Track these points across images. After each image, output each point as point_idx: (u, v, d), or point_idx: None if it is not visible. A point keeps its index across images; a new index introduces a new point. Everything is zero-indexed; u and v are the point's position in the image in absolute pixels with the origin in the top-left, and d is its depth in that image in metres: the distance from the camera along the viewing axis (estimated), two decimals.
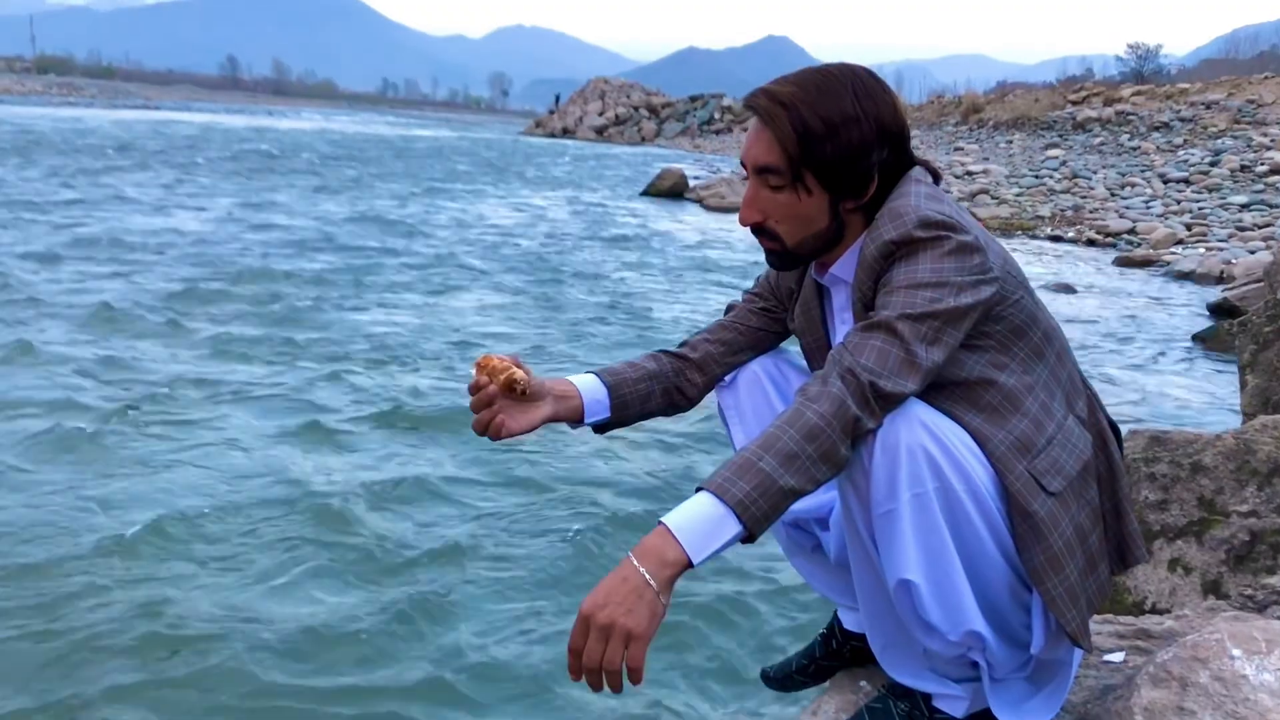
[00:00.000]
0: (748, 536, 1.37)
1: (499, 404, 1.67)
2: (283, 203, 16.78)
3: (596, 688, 1.34)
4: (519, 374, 1.66)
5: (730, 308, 1.93)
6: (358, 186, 21.10)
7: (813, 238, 1.64)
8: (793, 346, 1.91)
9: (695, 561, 1.35)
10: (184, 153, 27.33)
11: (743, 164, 1.66)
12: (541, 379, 1.73)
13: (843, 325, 1.73)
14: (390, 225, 14.63)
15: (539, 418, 1.72)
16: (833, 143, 1.57)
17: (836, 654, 2.01)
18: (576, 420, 1.78)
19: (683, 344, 1.90)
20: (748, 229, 1.68)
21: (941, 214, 1.51)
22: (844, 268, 1.68)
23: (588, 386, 1.78)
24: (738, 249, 14.19)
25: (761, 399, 1.85)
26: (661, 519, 1.37)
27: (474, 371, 1.68)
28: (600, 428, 1.83)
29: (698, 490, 1.39)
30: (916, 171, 1.63)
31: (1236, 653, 1.45)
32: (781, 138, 1.57)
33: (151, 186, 17.92)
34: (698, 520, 1.35)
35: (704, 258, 13.23)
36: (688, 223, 17.70)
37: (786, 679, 2.06)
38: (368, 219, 15.24)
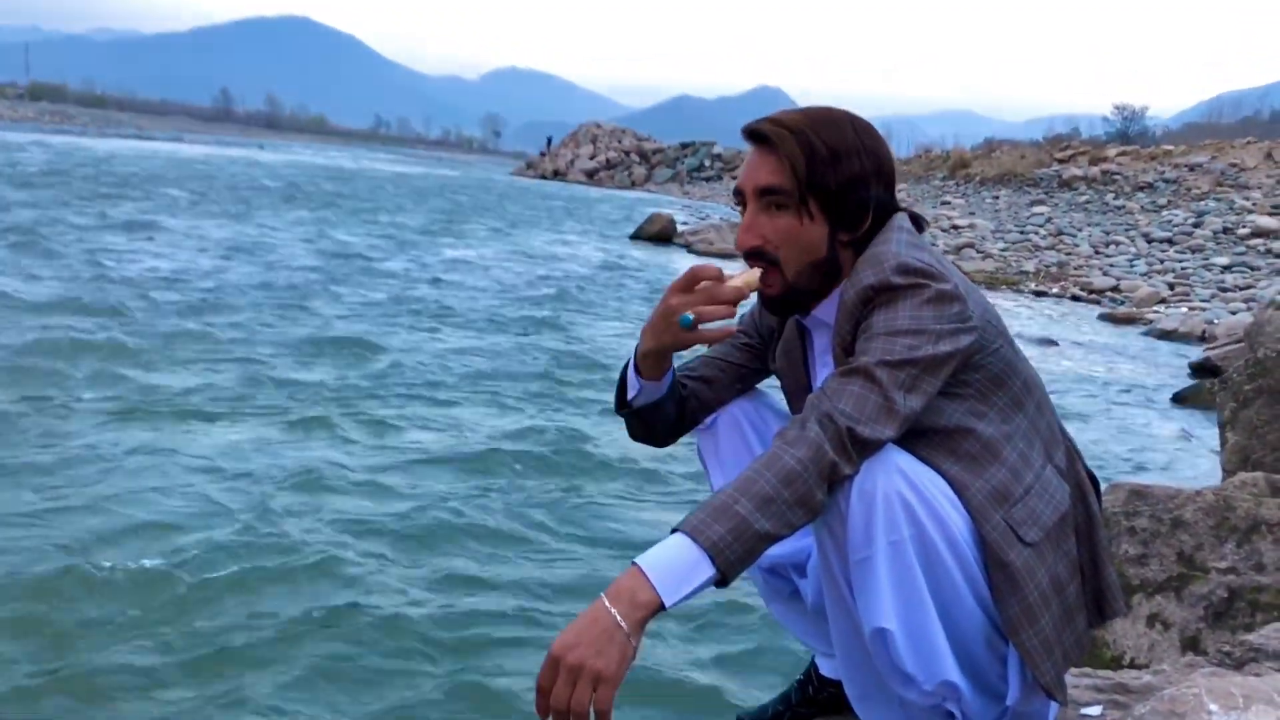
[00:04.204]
0: (721, 580, 1.36)
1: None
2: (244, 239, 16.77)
3: None
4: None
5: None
6: (352, 220, 21.11)
7: (811, 266, 1.63)
8: (773, 390, 1.90)
9: (668, 604, 1.34)
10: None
11: (738, 193, 1.66)
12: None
13: (824, 368, 1.73)
14: (369, 261, 14.47)
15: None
16: (836, 170, 1.59)
17: (813, 700, 1.99)
18: (665, 370, 1.76)
19: None
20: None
21: (921, 261, 1.52)
22: (826, 310, 1.68)
23: None
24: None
25: (740, 442, 1.85)
26: (635, 560, 1.36)
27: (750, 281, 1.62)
28: (633, 410, 1.80)
29: (673, 532, 1.37)
30: (900, 218, 1.64)
31: (1214, 708, 1.43)
32: (791, 158, 1.59)
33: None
34: (672, 562, 1.34)
35: None
36: (675, 267, 17.76)
37: None
38: (350, 254, 15.16)
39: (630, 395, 1.79)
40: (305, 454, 5.41)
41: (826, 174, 1.59)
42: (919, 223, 1.68)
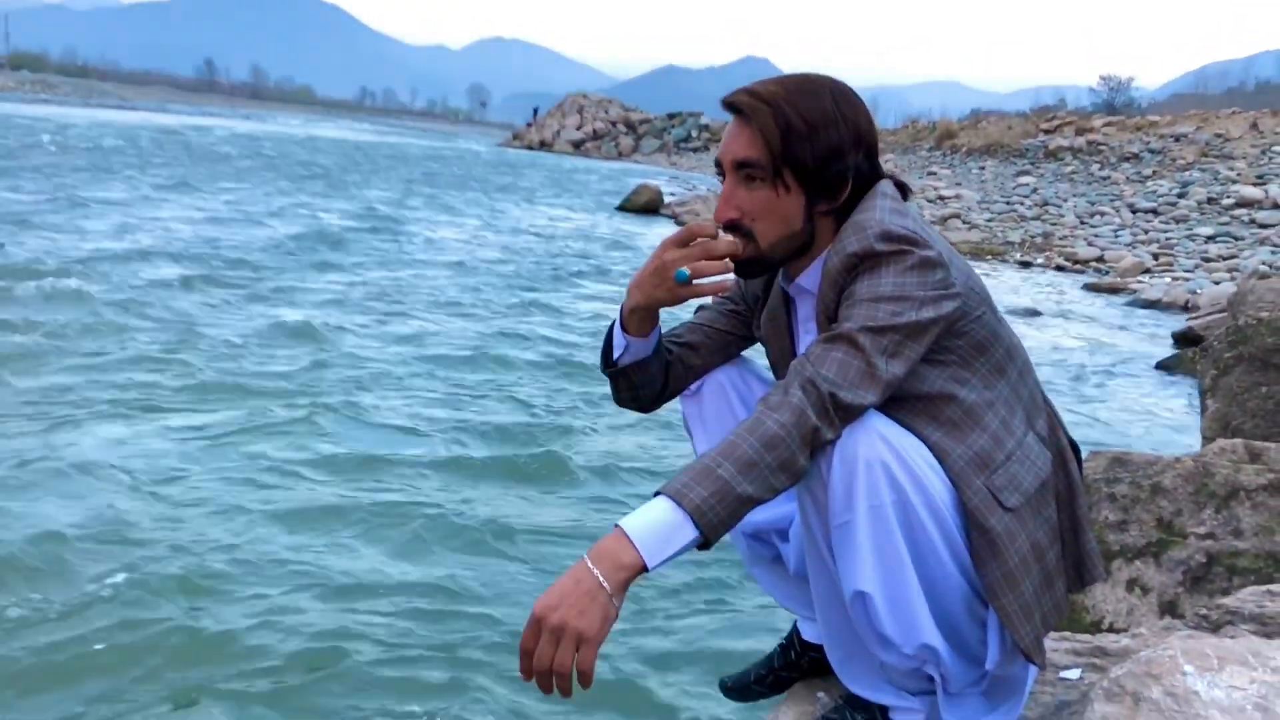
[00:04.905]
0: (704, 543, 1.37)
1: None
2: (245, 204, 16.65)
3: (547, 690, 1.34)
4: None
5: (700, 308, 1.93)
6: (334, 192, 20.98)
7: (787, 239, 1.63)
8: (758, 358, 1.91)
9: (650, 566, 1.34)
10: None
11: (718, 164, 1.65)
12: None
13: (807, 335, 1.73)
14: (344, 238, 14.14)
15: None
16: (812, 142, 1.58)
17: (795, 664, 2.00)
18: (652, 328, 1.75)
19: None
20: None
21: (905, 228, 1.52)
22: (809, 278, 1.68)
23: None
24: None
25: (725, 408, 1.85)
26: (618, 522, 1.37)
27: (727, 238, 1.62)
28: (619, 368, 1.79)
29: (655, 495, 1.38)
30: (884, 185, 1.64)
31: (1189, 669, 1.45)
32: (765, 132, 1.57)
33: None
34: (654, 524, 1.35)
35: None
36: (662, 239, 17.70)
37: (745, 689, 2.05)
38: (325, 231, 14.91)
39: (616, 354, 1.78)
40: (249, 451, 5.13)
41: (802, 147, 1.57)
42: (903, 189, 1.67)
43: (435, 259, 12.84)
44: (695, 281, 1.61)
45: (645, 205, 23.36)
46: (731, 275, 1.63)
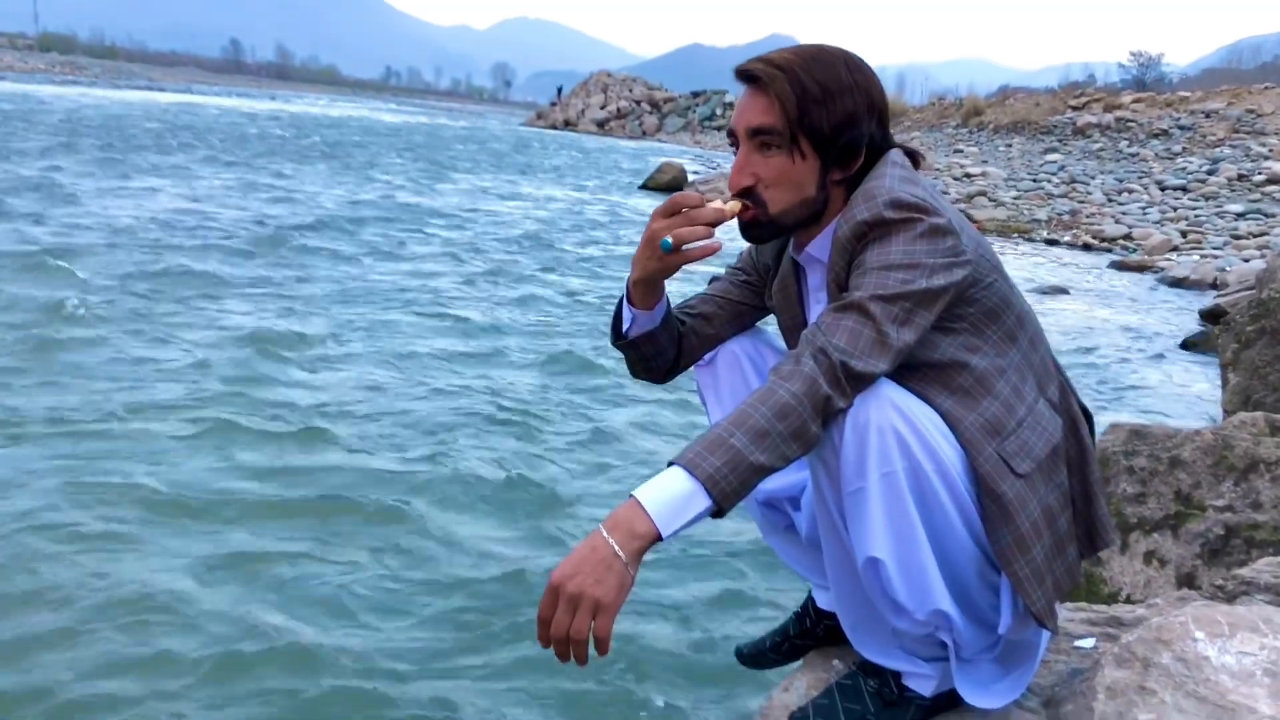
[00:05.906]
0: (717, 511, 1.39)
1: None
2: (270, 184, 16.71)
3: (564, 658, 1.36)
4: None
5: (713, 279, 1.95)
6: (360, 170, 21.02)
7: (799, 206, 1.65)
8: (771, 327, 1.92)
9: (665, 535, 1.36)
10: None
11: (731, 134, 1.67)
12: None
13: (817, 305, 1.75)
14: (380, 209, 14.17)
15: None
16: (828, 109, 1.59)
17: (810, 632, 2.02)
18: (657, 300, 1.78)
19: None
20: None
21: (914, 196, 1.53)
22: (819, 247, 1.69)
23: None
24: (733, 243, 14.14)
25: (739, 378, 1.87)
26: (632, 492, 1.38)
27: (732, 204, 1.64)
28: (629, 340, 1.81)
29: (669, 464, 1.40)
30: (894, 154, 1.65)
31: (1200, 635, 1.47)
32: (782, 99, 1.59)
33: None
34: (668, 494, 1.37)
35: None
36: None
37: (760, 656, 2.08)
38: (360, 202, 14.99)
39: (625, 327, 1.81)
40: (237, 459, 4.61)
41: (819, 113, 1.59)
42: (914, 158, 1.68)
43: (453, 239, 12.81)
44: (684, 248, 1.63)
45: (669, 184, 23.29)
46: (716, 240, 1.64)
